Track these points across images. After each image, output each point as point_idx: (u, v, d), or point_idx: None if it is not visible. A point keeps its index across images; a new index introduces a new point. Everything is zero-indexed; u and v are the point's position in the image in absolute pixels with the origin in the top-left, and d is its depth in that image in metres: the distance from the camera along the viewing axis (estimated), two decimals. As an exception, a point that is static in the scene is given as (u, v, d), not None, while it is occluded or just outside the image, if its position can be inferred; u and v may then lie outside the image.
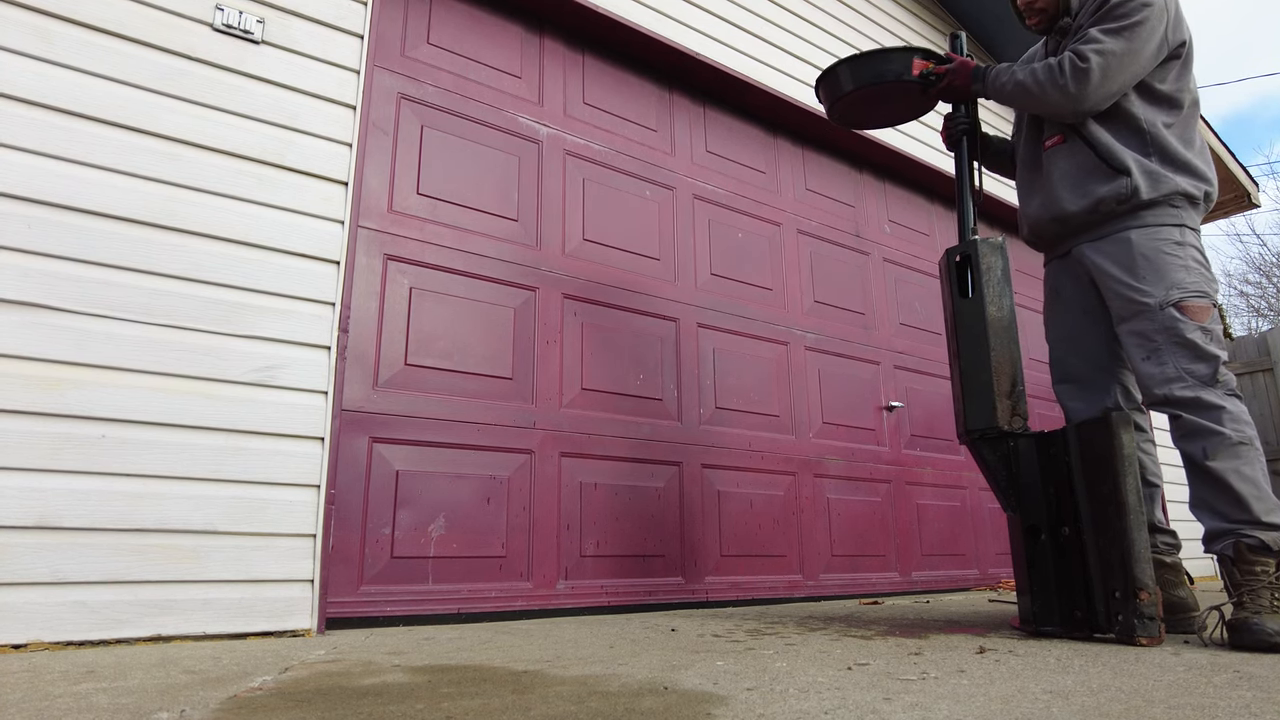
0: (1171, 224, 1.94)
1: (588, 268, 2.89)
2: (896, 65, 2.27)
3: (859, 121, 2.56)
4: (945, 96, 2.26)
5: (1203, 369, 1.85)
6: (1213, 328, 1.88)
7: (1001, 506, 2.02)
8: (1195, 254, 1.94)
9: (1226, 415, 1.81)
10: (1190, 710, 1.02)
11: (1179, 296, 1.88)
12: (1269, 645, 1.56)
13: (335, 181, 2.27)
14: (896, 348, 3.91)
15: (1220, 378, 1.84)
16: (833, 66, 2.38)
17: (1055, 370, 2.22)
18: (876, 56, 2.32)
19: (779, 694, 1.17)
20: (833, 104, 2.42)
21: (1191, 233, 1.96)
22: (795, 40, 3.76)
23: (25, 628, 1.68)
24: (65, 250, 1.85)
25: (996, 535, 4.06)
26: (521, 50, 2.95)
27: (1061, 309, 2.19)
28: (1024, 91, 2.03)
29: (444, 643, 1.82)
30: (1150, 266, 1.92)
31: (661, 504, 2.84)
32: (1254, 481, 1.76)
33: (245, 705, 1.12)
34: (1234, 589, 1.72)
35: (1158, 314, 1.89)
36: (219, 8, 2.17)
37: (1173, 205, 1.95)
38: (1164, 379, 1.87)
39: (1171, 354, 1.87)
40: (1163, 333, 1.88)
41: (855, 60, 2.35)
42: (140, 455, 1.85)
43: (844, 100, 2.38)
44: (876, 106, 2.43)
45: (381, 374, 2.36)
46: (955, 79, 2.19)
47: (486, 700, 1.15)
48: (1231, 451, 1.78)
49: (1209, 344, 1.85)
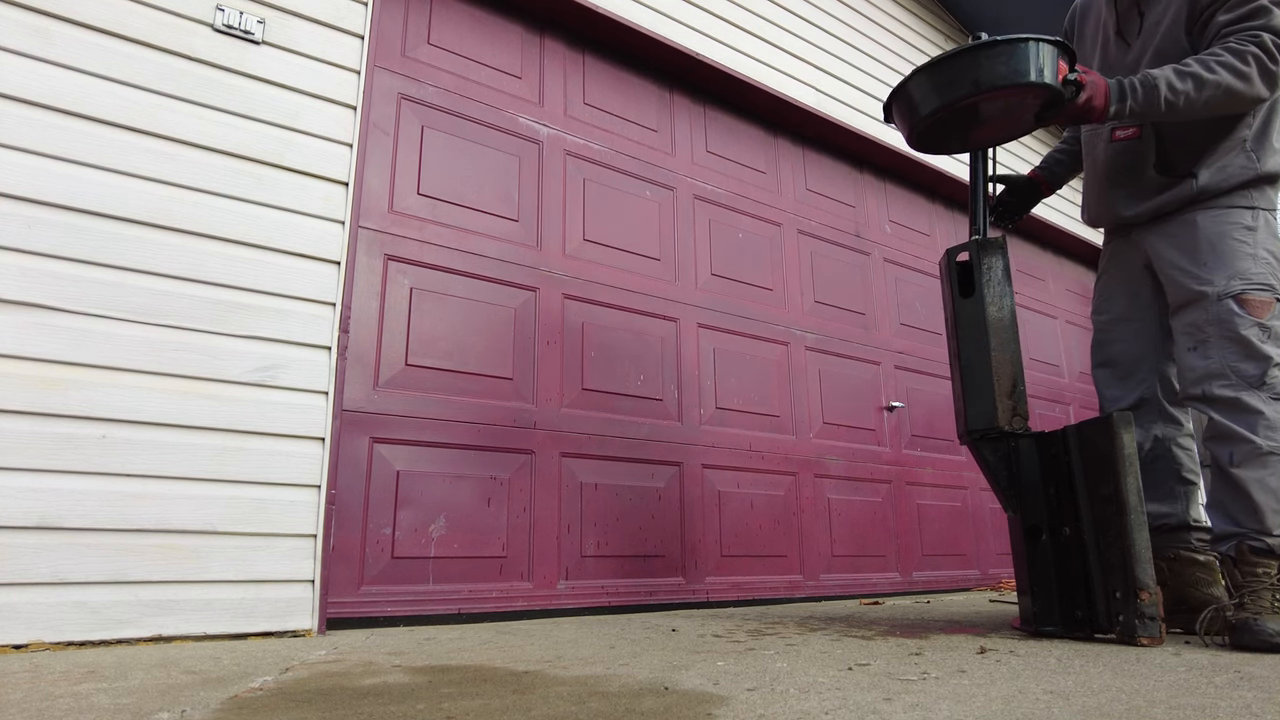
0: (1243, 206, 1.78)
1: (588, 268, 2.89)
2: (1044, 62, 1.72)
3: (949, 141, 1.98)
4: (1068, 117, 1.79)
5: (1251, 369, 1.72)
6: (1273, 324, 1.74)
7: (1002, 507, 2.01)
8: (1267, 240, 1.77)
9: (1263, 422, 1.70)
10: (1191, 711, 1.02)
11: (1240, 288, 1.74)
12: (1269, 645, 1.55)
13: (335, 182, 2.27)
14: (897, 348, 3.91)
15: (1269, 380, 1.71)
16: (933, 62, 1.80)
17: (1096, 352, 2.10)
18: (1007, 48, 1.73)
19: (779, 694, 1.17)
20: (933, 113, 1.82)
21: (1266, 214, 1.79)
22: (796, 40, 3.76)
23: (26, 628, 1.68)
24: (65, 250, 1.85)
25: (997, 535, 4.06)
26: (522, 50, 2.95)
27: (1113, 287, 2.08)
28: (1223, 97, 1.69)
29: (445, 643, 1.82)
30: (1214, 253, 1.77)
31: (662, 504, 2.84)
32: (1277, 493, 1.69)
33: (246, 705, 1.12)
34: (1235, 590, 1.71)
35: (1214, 305, 1.75)
36: (219, 8, 2.17)
37: (1248, 188, 1.79)
38: (1205, 374, 1.75)
39: (1220, 348, 1.74)
40: (1215, 324, 1.75)
41: (974, 53, 1.75)
42: (140, 455, 1.85)
43: (953, 108, 1.79)
44: (978, 121, 1.87)
45: (382, 374, 2.36)
46: (1093, 95, 1.74)
47: (487, 700, 1.14)
48: (1260, 461, 1.70)
49: (1264, 342, 1.72)
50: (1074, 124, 1.82)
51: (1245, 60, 1.67)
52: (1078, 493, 1.82)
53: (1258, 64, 1.67)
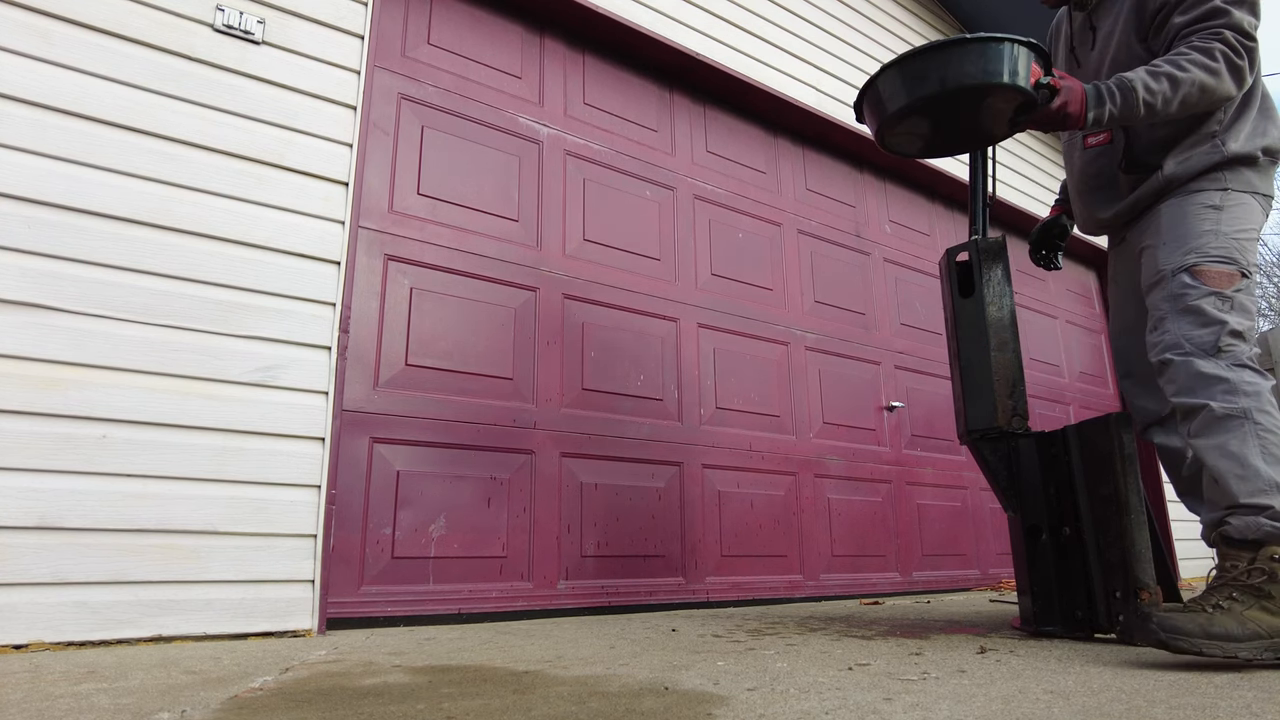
0: (1212, 188, 1.72)
1: (588, 268, 2.89)
2: (1011, 63, 1.65)
3: (918, 143, 1.92)
4: (1044, 123, 1.74)
5: (1204, 335, 1.61)
6: (1233, 295, 1.63)
7: (1002, 507, 2.01)
8: (1237, 219, 1.68)
9: (1220, 387, 1.56)
10: (1191, 710, 1.02)
11: (1194, 261, 1.66)
12: (1155, 640, 1.36)
13: (335, 182, 2.27)
14: (897, 348, 3.91)
15: (1224, 346, 1.59)
16: (902, 58, 1.73)
17: (1119, 364, 2.05)
18: (978, 47, 1.65)
19: (780, 694, 1.17)
20: (900, 111, 1.75)
21: (1242, 195, 1.71)
22: (795, 40, 3.76)
23: (26, 628, 1.68)
24: (65, 250, 1.85)
25: (997, 535, 4.06)
26: (522, 50, 2.95)
27: (1119, 296, 2.04)
28: (1198, 94, 1.66)
29: (445, 643, 1.82)
30: (1173, 233, 1.72)
31: (662, 504, 2.84)
32: (1238, 458, 1.52)
33: (246, 705, 1.12)
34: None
35: (1169, 281, 1.68)
36: (219, 8, 2.17)
37: (1218, 171, 1.73)
38: (1160, 348, 1.67)
39: (1174, 321, 1.65)
40: (1169, 300, 1.67)
41: (940, 50, 1.68)
42: (141, 455, 1.85)
43: (916, 108, 1.73)
44: (948, 124, 1.82)
45: (382, 374, 2.36)
46: (1069, 100, 1.70)
47: (487, 700, 1.14)
48: (1217, 425, 1.55)
49: (1220, 310, 1.61)
50: (1050, 129, 1.76)
51: (1213, 57, 1.65)
52: (1078, 493, 1.82)
53: (1225, 60, 1.65)
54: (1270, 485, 1.48)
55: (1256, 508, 1.48)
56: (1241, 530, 1.48)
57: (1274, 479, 1.48)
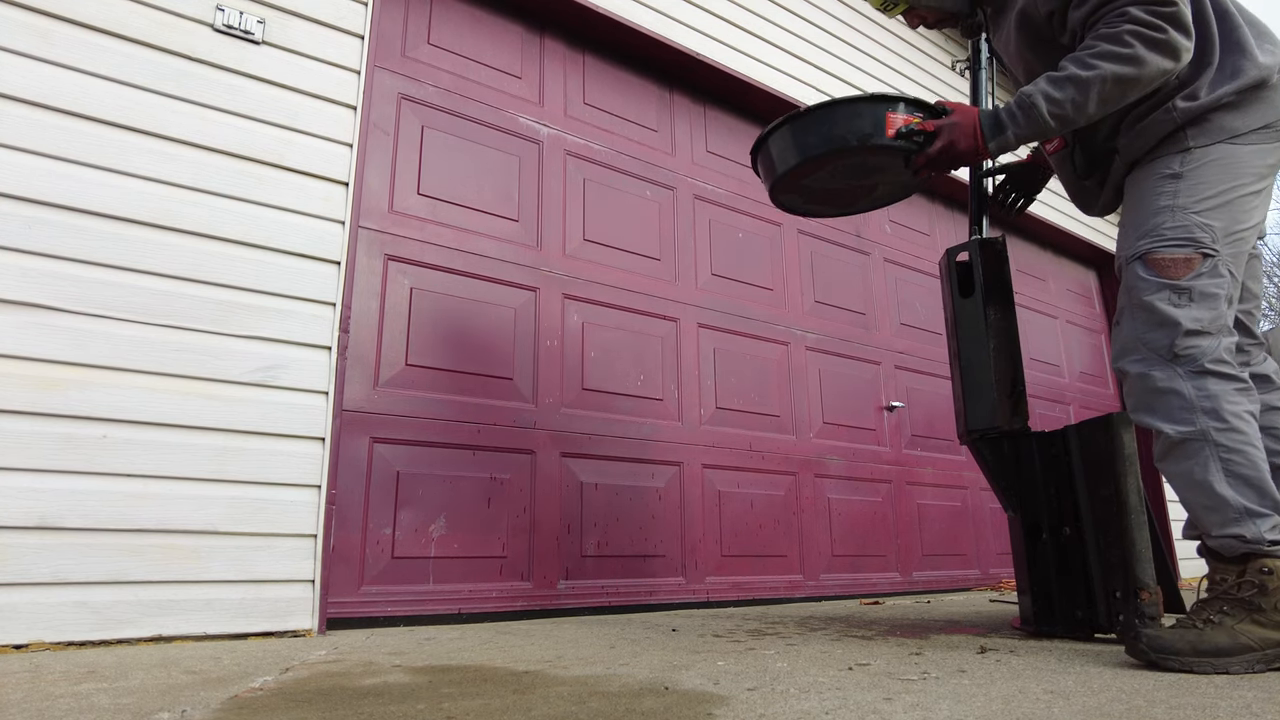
0: (1172, 152, 1.55)
1: (588, 268, 2.89)
2: (861, 123, 1.63)
3: (818, 206, 1.93)
4: (938, 166, 1.67)
5: (1159, 338, 1.48)
6: (1190, 285, 1.48)
7: (1002, 506, 2.01)
8: (1196, 186, 1.51)
9: (1177, 403, 1.45)
10: (1191, 710, 1.02)
11: (1146, 247, 1.52)
12: (1146, 661, 1.37)
13: (336, 182, 2.27)
14: (897, 348, 3.91)
15: (1180, 350, 1.46)
16: (769, 130, 1.73)
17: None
18: (832, 111, 1.66)
19: (780, 694, 1.17)
20: (773, 185, 1.78)
21: (1205, 150, 1.52)
22: (796, 40, 3.76)
23: (27, 628, 1.68)
24: (65, 250, 1.85)
25: (997, 535, 4.06)
26: (522, 50, 2.95)
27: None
28: (1115, 88, 1.50)
29: (445, 643, 1.82)
30: (1130, 214, 1.58)
31: (662, 504, 2.84)
32: (1203, 487, 1.43)
33: (246, 705, 1.12)
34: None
35: (1125, 271, 1.56)
36: (219, 8, 2.17)
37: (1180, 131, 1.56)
38: (1118, 350, 1.56)
39: (1129, 318, 1.54)
40: (1125, 292, 1.56)
41: (797, 120, 1.68)
42: (141, 455, 1.85)
43: (787, 179, 1.74)
44: (841, 185, 1.81)
45: (382, 374, 2.36)
46: (954, 139, 1.62)
47: (488, 700, 1.14)
48: (1179, 451, 1.47)
49: (1174, 306, 1.47)
50: (949, 170, 1.67)
51: (1122, 42, 1.47)
52: (1078, 493, 1.82)
53: (1140, 39, 1.46)
54: (1240, 512, 1.40)
55: (1229, 535, 1.42)
56: (1220, 549, 1.45)
57: (1242, 504, 1.40)
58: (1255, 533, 1.39)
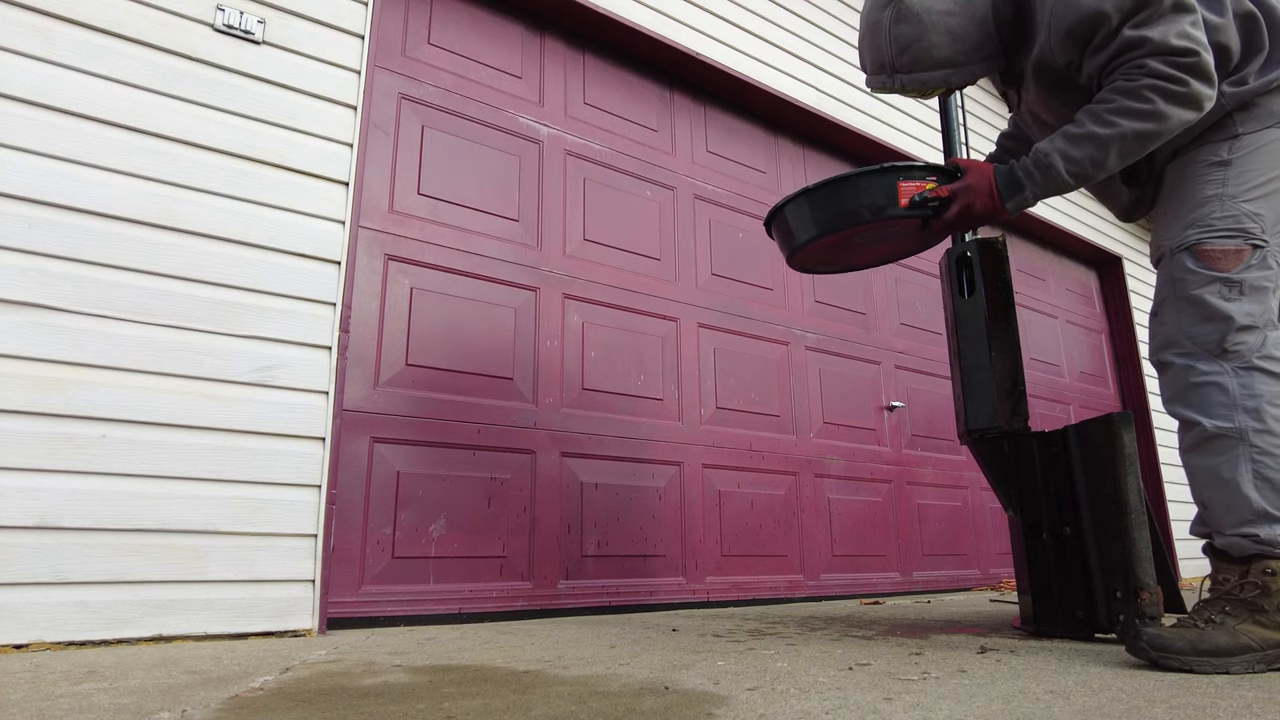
0: (1219, 139, 1.49)
1: (588, 268, 2.89)
2: (874, 196, 1.64)
3: (836, 265, 1.99)
4: (957, 229, 1.68)
5: (1208, 333, 1.44)
6: (1241, 278, 1.43)
7: (1002, 506, 2.01)
8: (1245, 174, 1.46)
9: (1218, 399, 1.42)
10: (1191, 710, 1.02)
11: (1196, 237, 1.46)
12: (1146, 659, 1.37)
13: (336, 182, 2.27)
14: (897, 348, 3.91)
15: (1231, 346, 1.42)
16: (782, 204, 1.77)
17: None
18: (843, 186, 1.67)
19: (780, 694, 1.17)
20: (792, 254, 1.84)
21: (1255, 136, 1.47)
22: (796, 40, 3.76)
23: (27, 628, 1.68)
24: (65, 250, 1.85)
25: (997, 535, 4.06)
26: (522, 50, 2.95)
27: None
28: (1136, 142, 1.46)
29: (445, 643, 1.82)
30: (1173, 202, 1.53)
31: (662, 504, 2.84)
32: (1228, 485, 1.41)
33: (246, 705, 1.12)
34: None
35: (1169, 261, 1.51)
36: (219, 8, 2.17)
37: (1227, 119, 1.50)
38: (1159, 343, 1.52)
39: (1174, 311, 1.49)
40: (1169, 284, 1.50)
41: (813, 194, 1.70)
42: (141, 455, 1.85)
43: (806, 251, 1.79)
44: (857, 247, 1.85)
45: (382, 374, 2.36)
46: (970, 201, 1.61)
47: (488, 700, 1.14)
48: (1208, 446, 1.44)
49: (1225, 300, 1.43)
50: (969, 230, 1.66)
51: (1141, 98, 1.44)
52: (1078, 492, 1.82)
53: (1160, 94, 1.43)
54: (1257, 514, 1.39)
55: (1242, 535, 1.41)
56: (1228, 548, 1.43)
57: (1263, 506, 1.39)
58: (1270, 535, 1.38)
